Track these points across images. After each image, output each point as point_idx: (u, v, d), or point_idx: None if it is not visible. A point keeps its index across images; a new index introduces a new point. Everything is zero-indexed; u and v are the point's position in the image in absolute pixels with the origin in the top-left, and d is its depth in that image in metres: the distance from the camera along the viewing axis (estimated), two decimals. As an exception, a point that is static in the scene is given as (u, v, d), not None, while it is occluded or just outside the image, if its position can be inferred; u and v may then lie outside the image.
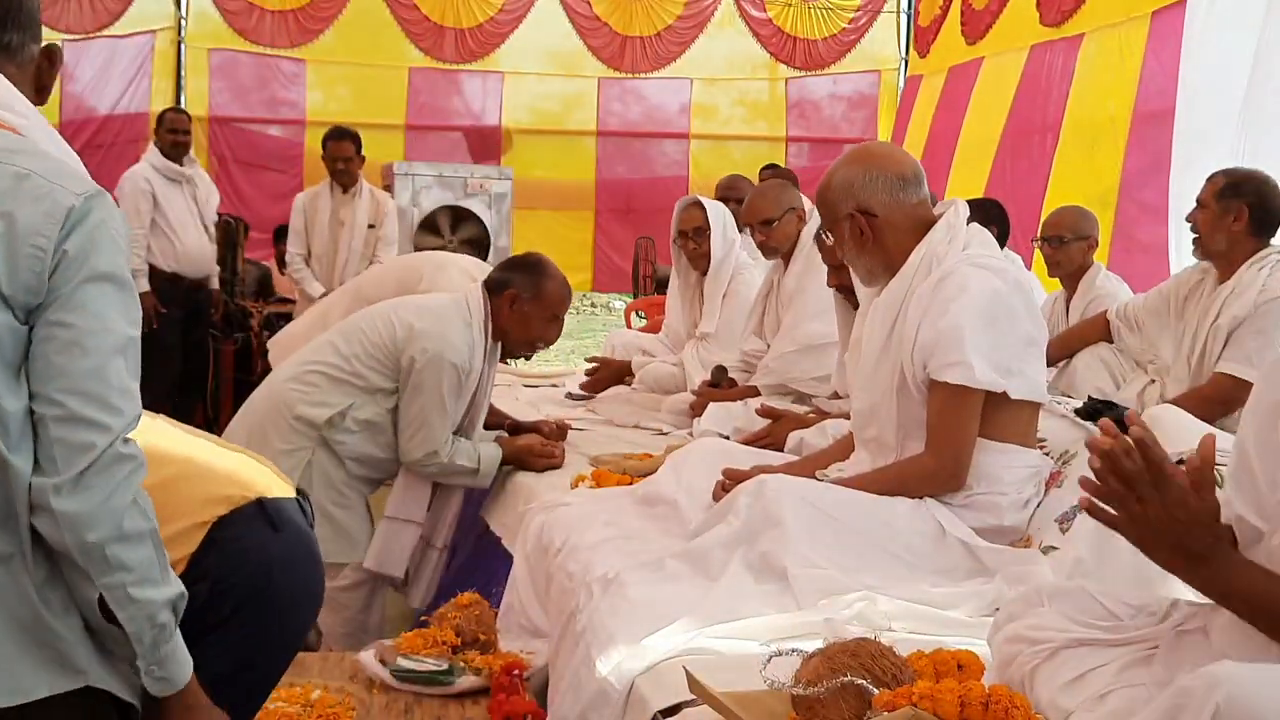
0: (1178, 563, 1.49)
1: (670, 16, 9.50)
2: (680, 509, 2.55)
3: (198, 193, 6.67)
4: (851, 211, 2.48)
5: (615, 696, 1.87)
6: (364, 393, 3.34)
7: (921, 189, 2.50)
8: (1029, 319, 2.43)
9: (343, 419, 3.32)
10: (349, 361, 3.36)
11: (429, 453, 3.32)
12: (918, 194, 2.49)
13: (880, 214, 2.47)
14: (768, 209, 3.88)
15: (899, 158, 2.56)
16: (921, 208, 2.49)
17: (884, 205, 2.47)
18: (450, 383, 3.29)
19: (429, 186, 7.28)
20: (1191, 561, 1.47)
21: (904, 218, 2.47)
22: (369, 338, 3.39)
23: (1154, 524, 1.46)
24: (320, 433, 3.32)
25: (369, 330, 3.40)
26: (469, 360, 3.33)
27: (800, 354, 3.77)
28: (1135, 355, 3.92)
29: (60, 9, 8.55)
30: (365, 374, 3.34)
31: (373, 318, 3.45)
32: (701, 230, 4.23)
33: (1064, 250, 4.34)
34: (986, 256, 2.44)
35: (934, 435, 2.36)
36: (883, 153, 2.59)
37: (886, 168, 2.49)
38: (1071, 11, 6.98)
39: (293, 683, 2.36)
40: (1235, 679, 1.23)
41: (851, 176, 2.49)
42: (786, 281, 3.91)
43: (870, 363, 2.51)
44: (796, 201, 3.92)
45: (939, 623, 2.04)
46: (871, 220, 2.47)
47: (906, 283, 2.45)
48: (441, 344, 3.30)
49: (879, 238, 2.48)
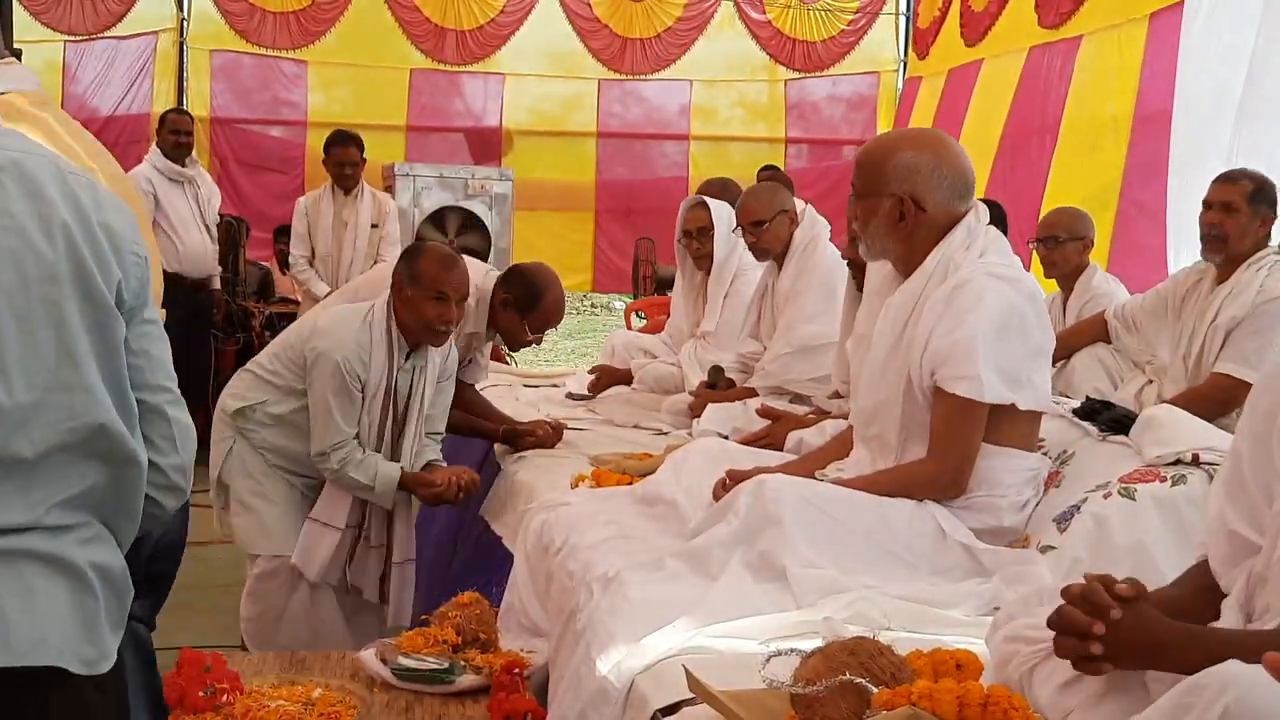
0: (1148, 663, 1.49)
1: (670, 18, 9.51)
2: (680, 509, 2.55)
3: (199, 193, 6.69)
4: (903, 195, 2.43)
5: (615, 695, 1.87)
6: (278, 390, 3.40)
7: (970, 200, 2.47)
8: (1040, 329, 2.42)
9: (254, 411, 3.40)
10: (273, 360, 3.43)
11: (318, 453, 3.31)
12: (966, 204, 2.46)
13: (929, 210, 2.43)
14: (759, 210, 3.87)
15: (965, 164, 2.49)
16: (962, 214, 2.46)
17: (936, 204, 2.43)
18: (336, 383, 3.25)
19: (430, 187, 7.29)
20: (1156, 657, 1.47)
21: (945, 219, 2.44)
22: (288, 337, 3.48)
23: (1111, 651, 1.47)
24: (236, 423, 3.42)
25: (291, 330, 3.50)
26: (358, 359, 3.28)
27: (796, 356, 3.78)
28: (1133, 355, 3.93)
29: (62, 10, 8.56)
30: (281, 371, 3.41)
31: (303, 319, 3.49)
32: (705, 230, 4.25)
33: (1059, 251, 4.36)
34: (1003, 265, 2.42)
35: (938, 443, 2.36)
36: (955, 152, 2.50)
37: (955, 170, 2.45)
38: (1070, 13, 6.99)
39: (294, 681, 2.38)
40: (1244, 681, 1.21)
41: (919, 163, 2.43)
42: (781, 284, 3.91)
43: (878, 363, 2.50)
44: (788, 203, 3.92)
45: (937, 622, 2.05)
46: (919, 213, 2.43)
47: (921, 285, 2.43)
48: (330, 342, 3.29)
49: (914, 229, 2.44)
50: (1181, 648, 1.43)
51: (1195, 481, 2.25)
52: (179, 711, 2.19)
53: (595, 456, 3.39)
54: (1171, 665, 1.44)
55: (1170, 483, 2.26)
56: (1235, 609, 1.57)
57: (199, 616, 4.55)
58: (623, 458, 3.30)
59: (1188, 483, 2.25)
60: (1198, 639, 1.46)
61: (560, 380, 5.08)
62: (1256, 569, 1.55)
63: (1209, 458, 2.29)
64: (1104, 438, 2.53)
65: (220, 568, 5.19)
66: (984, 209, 2.51)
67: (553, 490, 3.01)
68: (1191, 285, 3.69)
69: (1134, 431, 2.46)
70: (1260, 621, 1.53)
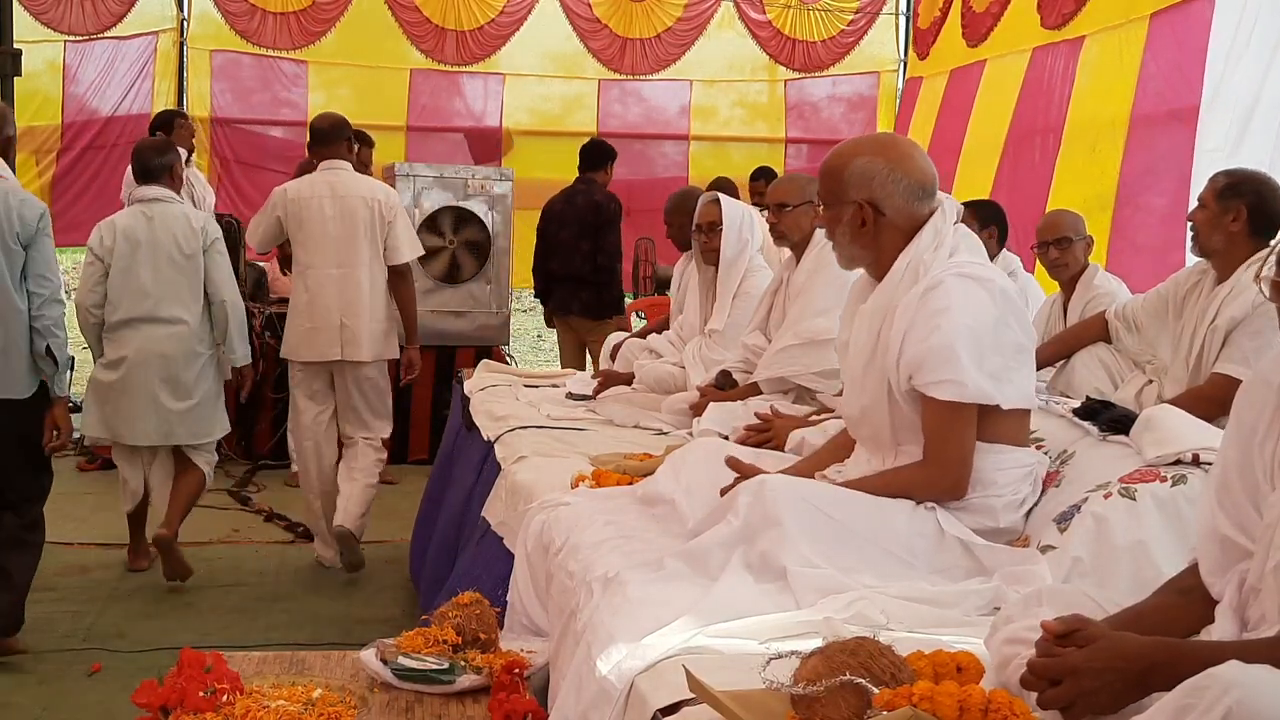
0: (1135, 693, 1.44)
1: (670, 19, 9.52)
2: (680, 509, 2.55)
3: (194, 193, 6.69)
4: (861, 201, 2.45)
5: (615, 695, 1.87)
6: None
7: (933, 200, 2.48)
8: (1017, 326, 2.41)
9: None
10: None
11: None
12: (929, 205, 2.47)
13: (888, 215, 2.45)
14: (786, 194, 3.91)
15: (923, 165, 2.49)
16: (925, 215, 2.47)
17: (895, 208, 2.45)
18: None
19: (430, 188, 7.29)
20: (1144, 683, 1.43)
21: (907, 222, 2.46)
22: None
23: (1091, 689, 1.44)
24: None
25: None
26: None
27: (802, 349, 3.78)
28: (1133, 355, 3.93)
29: (63, 11, 8.57)
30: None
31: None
32: (714, 225, 4.27)
33: (1071, 251, 4.38)
34: (973, 264, 2.41)
35: (933, 448, 2.36)
36: (909, 154, 2.50)
37: (911, 172, 2.45)
38: (1072, 14, 6.99)
39: (294, 681, 2.38)
40: (1248, 682, 1.20)
41: (874, 169, 2.44)
42: (796, 277, 3.92)
43: (858, 369, 2.51)
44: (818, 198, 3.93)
45: (937, 622, 2.04)
46: (879, 218, 2.45)
47: (892, 290, 2.44)
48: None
49: (877, 234, 2.46)
50: (1171, 664, 1.41)
51: (1195, 481, 2.24)
52: (179, 712, 2.19)
53: (595, 456, 3.39)
54: (1165, 684, 1.39)
55: (1170, 483, 2.26)
56: (1230, 616, 1.57)
57: (199, 616, 4.55)
58: (623, 458, 3.30)
59: (1188, 483, 2.25)
60: (1187, 653, 1.44)
61: (560, 380, 5.07)
62: (1250, 580, 1.55)
63: (1209, 458, 2.29)
64: (1104, 438, 2.52)
65: (220, 568, 5.19)
66: (952, 208, 2.50)
67: (553, 490, 3.01)
68: (1192, 285, 3.69)
69: (1134, 431, 2.45)
70: (1255, 630, 1.53)
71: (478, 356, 6.58)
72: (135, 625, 4.40)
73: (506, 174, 7.59)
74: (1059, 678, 1.45)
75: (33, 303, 3.87)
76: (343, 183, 5.04)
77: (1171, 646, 1.47)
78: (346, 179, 5.06)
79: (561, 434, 3.84)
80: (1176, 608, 1.64)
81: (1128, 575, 2.15)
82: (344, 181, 5.04)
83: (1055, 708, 1.46)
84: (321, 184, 5.04)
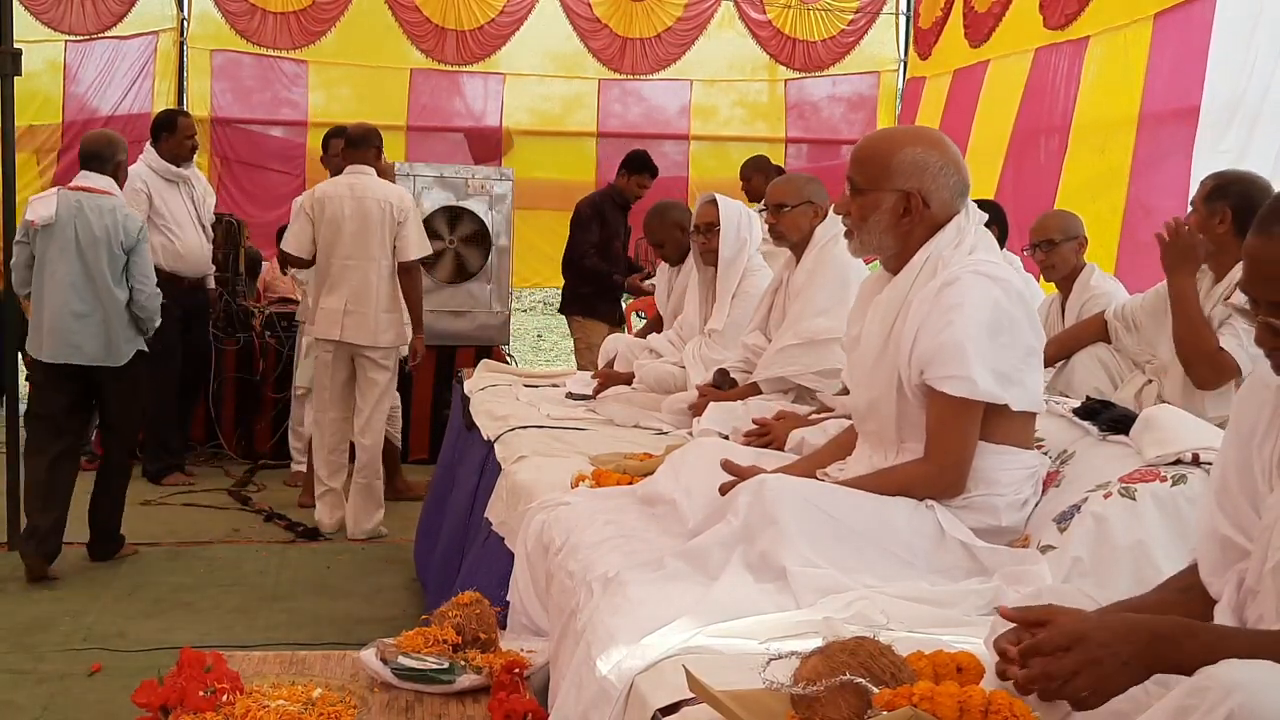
0: (1140, 664, 1.41)
1: (670, 18, 9.51)
2: (680, 508, 2.55)
3: (195, 193, 6.68)
4: (911, 190, 2.43)
5: (615, 695, 1.87)
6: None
7: (966, 200, 2.49)
8: (1030, 328, 2.41)
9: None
10: None
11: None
12: (963, 203, 2.48)
13: (933, 208, 2.44)
14: (784, 194, 3.91)
15: (965, 164, 2.51)
16: (956, 213, 2.47)
17: (941, 202, 2.44)
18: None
19: (430, 187, 7.30)
20: (1151, 652, 1.41)
21: (943, 217, 2.45)
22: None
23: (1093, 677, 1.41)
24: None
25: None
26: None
27: (802, 349, 3.78)
28: (1133, 355, 3.92)
29: (63, 10, 8.57)
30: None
31: None
32: (712, 226, 4.28)
33: (1057, 252, 4.37)
34: (990, 264, 2.41)
35: (934, 443, 2.36)
36: (956, 151, 2.51)
37: (960, 170, 2.46)
38: (1075, 14, 6.97)
39: (294, 681, 2.38)
40: (1251, 685, 1.18)
41: (928, 161, 2.43)
42: (796, 277, 3.92)
43: (869, 361, 2.50)
44: (817, 197, 3.93)
45: (937, 621, 2.04)
46: (924, 210, 2.44)
47: (909, 283, 2.44)
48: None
49: (914, 226, 2.45)
50: (1178, 639, 1.41)
51: (1195, 481, 2.24)
52: (179, 711, 2.19)
53: (595, 456, 3.39)
54: (1171, 658, 1.41)
55: (1170, 483, 2.26)
56: (1229, 616, 1.57)
57: (199, 616, 4.56)
58: (623, 458, 3.30)
59: (1188, 483, 2.25)
60: (1197, 630, 1.44)
61: (560, 380, 5.08)
62: (1248, 581, 1.55)
63: (1209, 458, 2.29)
64: (1104, 438, 2.53)
65: (220, 568, 5.19)
66: (976, 210, 2.51)
67: (553, 490, 3.01)
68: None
69: (1134, 431, 2.46)
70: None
71: (478, 356, 6.59)
72: (135, 625, 4.41)
73: (506, 174, 7.60)
74: (1068, 645, 1.42)
75: (136, 297, 4.99)
76: (363, 185, 5.72)
77: (1180, 622, 1.46)
78: (367, 182, 5.72)
79: (561, 434, 3.85)
80: (1175, 605, 1.64)
81: (1128, 575, 2.15)
82: (364, 184, 5.72)
83: (1061, 678, 1.43)
84: (344, 185, 5.73)
